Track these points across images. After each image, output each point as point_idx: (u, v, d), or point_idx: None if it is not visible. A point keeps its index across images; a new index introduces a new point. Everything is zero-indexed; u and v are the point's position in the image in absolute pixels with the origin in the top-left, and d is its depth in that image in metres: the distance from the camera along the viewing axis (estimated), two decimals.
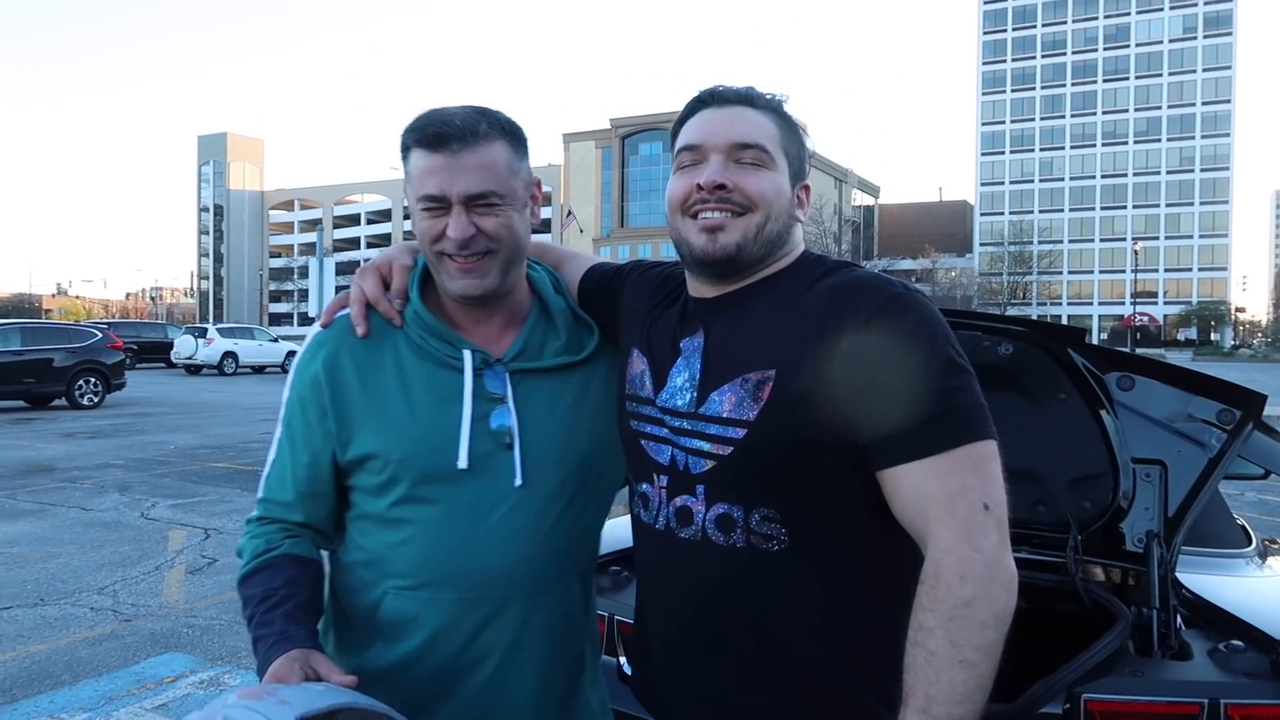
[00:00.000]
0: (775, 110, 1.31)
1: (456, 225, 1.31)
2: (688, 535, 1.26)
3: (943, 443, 1.12)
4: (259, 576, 1.34)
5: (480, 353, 1.39)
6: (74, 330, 18.43)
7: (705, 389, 1.26)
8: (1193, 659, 2.07)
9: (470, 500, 1.34)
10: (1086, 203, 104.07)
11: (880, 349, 1.15)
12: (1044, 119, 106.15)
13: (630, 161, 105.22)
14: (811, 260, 1.32)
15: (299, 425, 1.39)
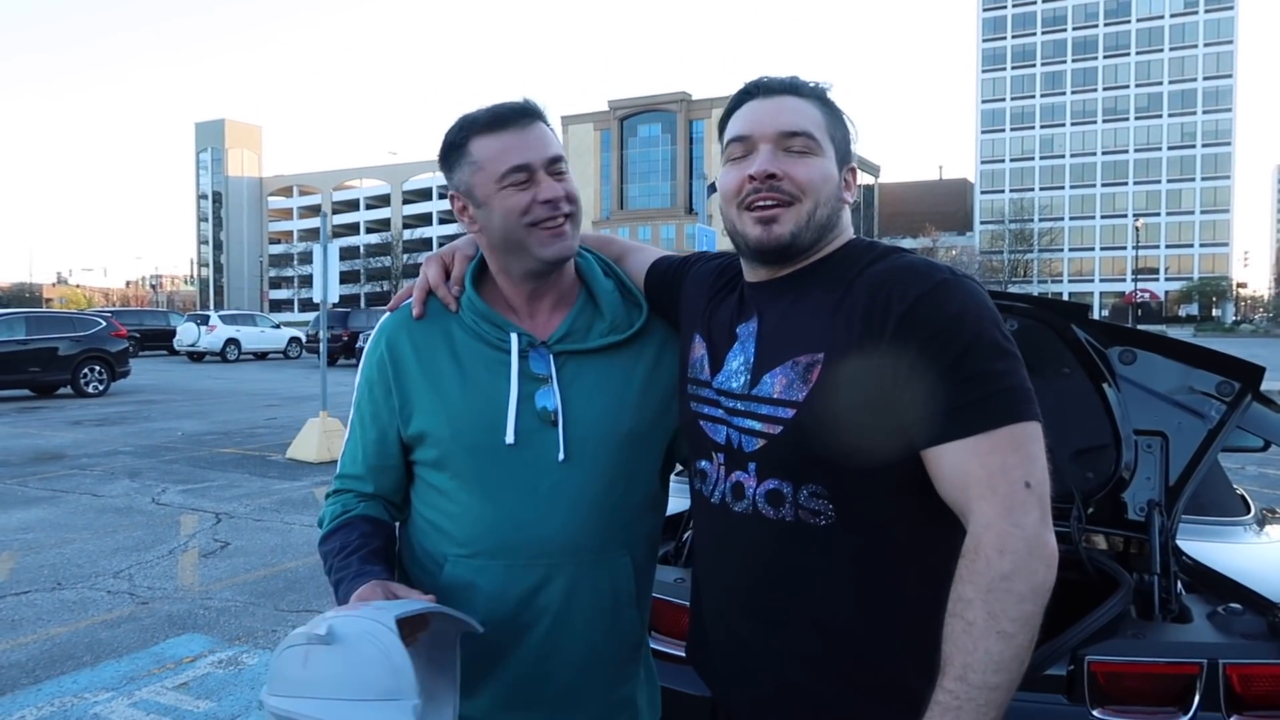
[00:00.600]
0: (819, 98, 1.35)
1: (548, 187, 1.42)
2: (740, 509, 1.32)
3: (986, 423, 1.15)
4: (336, 535, 1.46)
5: (526, 336, 1.48)
6: (78, 319, 18.45)
7: (759, 371, 1.31)
8: (1192, 622, 2.13)
9: (517, 474, 1.43)
10: (1087, 179, 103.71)
11: (926, 332, 1.18)
12: (1044, 96, 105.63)
13: (629, 143, 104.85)
14: (862, 245, 1.35)
15: (367, 404, 1.52)
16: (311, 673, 1.20)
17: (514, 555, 1.43)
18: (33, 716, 3.76)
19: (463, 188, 1.46)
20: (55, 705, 3.86)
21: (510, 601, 1.43)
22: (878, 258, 1.30)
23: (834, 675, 1.28)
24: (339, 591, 1.38)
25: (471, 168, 1.43)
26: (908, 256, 1.29)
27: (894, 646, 1.26)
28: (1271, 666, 1.98)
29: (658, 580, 2.45)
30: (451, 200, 1.51)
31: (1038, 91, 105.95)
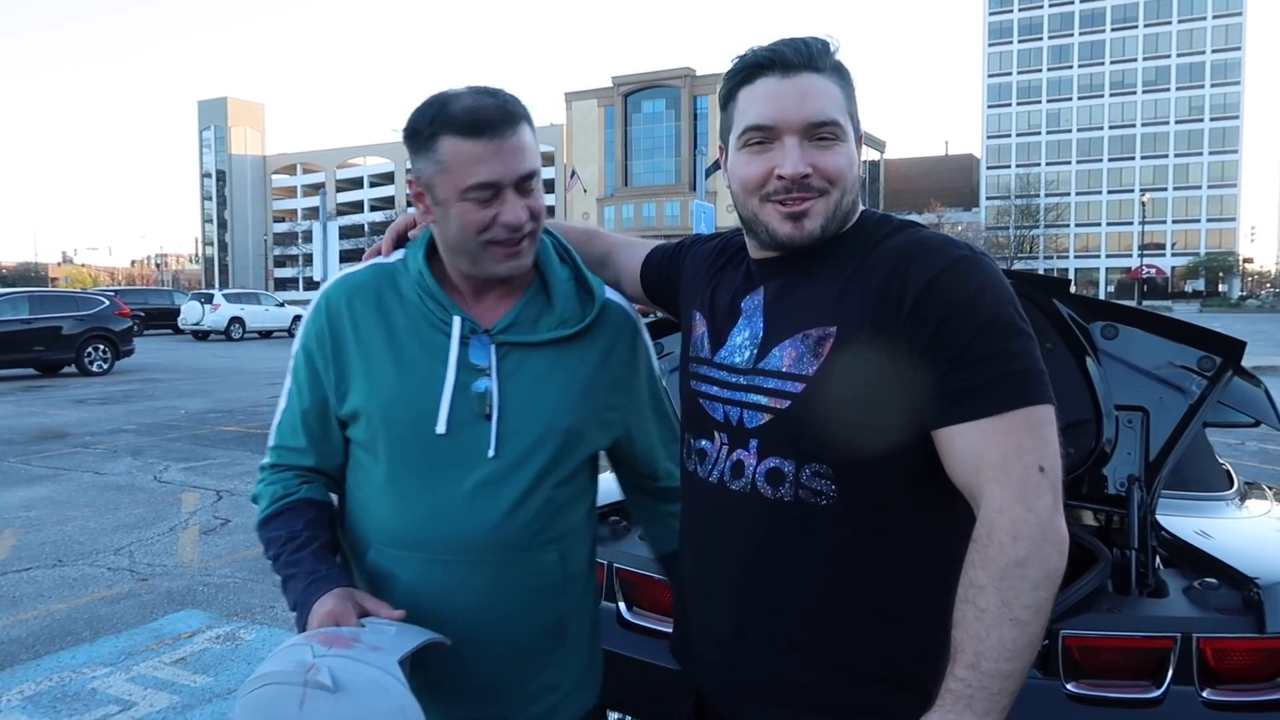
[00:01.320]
0: (837, 70, 1.27)
1: (513, 212, 1.34)
2: (738, 488, 1.28)
3: (1001, 404, 1.12)
4: (280, 520, 1.41)
5: (470, 321, 1.41)
6: (81, 298, 18.50)
7: (767, 344, 1.27)
8: (1168, 596, 2.14)
9: (444, 466, 1.38)
10: (1094, 154, 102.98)
11: (943, 310, 1.15)
12: (1051, 69, 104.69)
13: (633, 120, 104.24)
14: (876, 219, 1.31)
15: (305, 373, 1.45)
16: (311, 717, 1.13)
17: (434, 549, 1.38)
18: (31, 691, 3.80)
19: (423, 179, 1.37)
20: (54, 680, 3.91)
21: (428, 596, 1.38)
22: (893, 231, 1.27)
23: (828, 661, 1.25)
24: (289, 589, 1.34)
25: (436, 165, 1.34)
26: (924, 231, 1.26)
27: (893, 632, 1.23)
28: (1245, 640, 1.99)
29: (638, 556, 2.49)
30: (409, 184, 1.43)
31: (1045, 65, 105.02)
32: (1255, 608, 2.01)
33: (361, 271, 1.49)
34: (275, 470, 1.47)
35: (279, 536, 1.39)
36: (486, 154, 1.31)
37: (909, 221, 1.30)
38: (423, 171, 1.36)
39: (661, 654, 2.32)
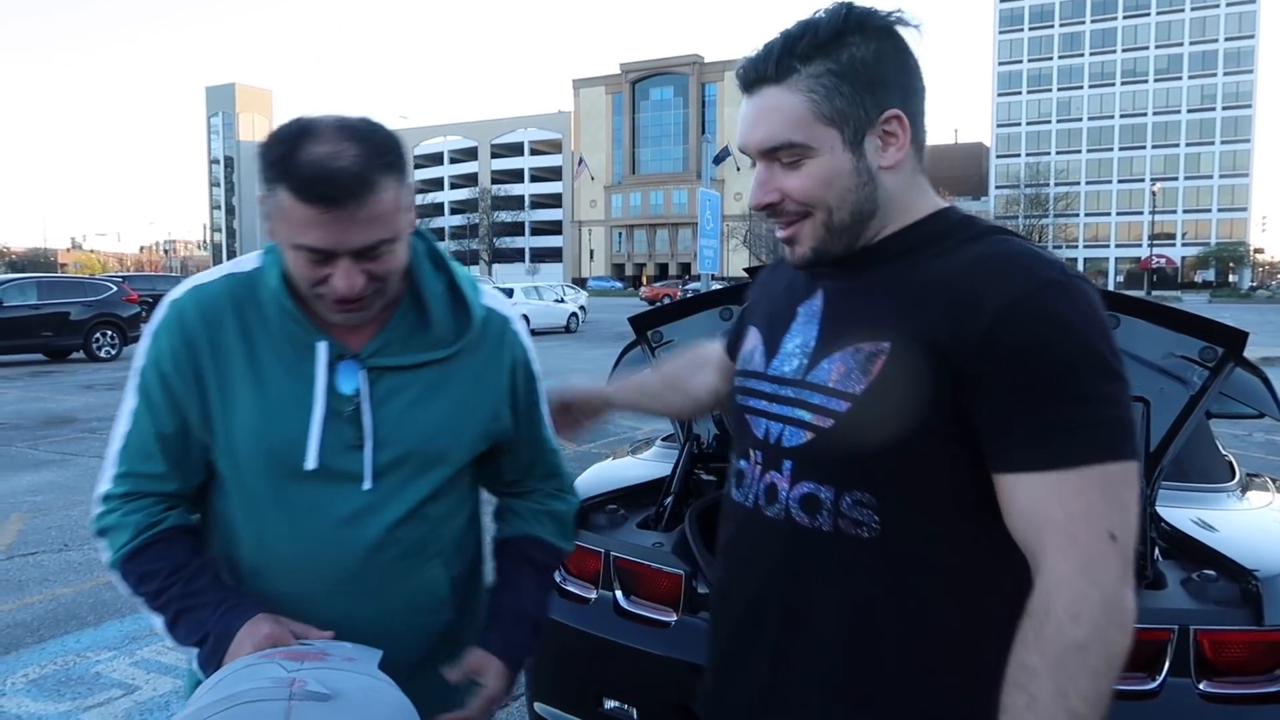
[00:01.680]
0: (805, 68, 1.10)
1: (346, 280, 1.20)
2: (772, 514, 1.17)
3: (1075, 457, 0.99)
4: (153, 551, 1.29)
5: (336, 346, 1.30)
6: (90, 284, 18.54)
7: (817, 355, 1.15)
8: (1166, 588, 2.14)
9: (316, 499, 1.29)
10: (1105, 143, 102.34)
11: (1020, 343, 1.00)
12: (1062, 57, 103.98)
13: (641, 107, 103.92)
14: (956, 221, 1.15)
15: (160, 395, 1.30)
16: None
17: (311, 582, 1.30)
18: (36, 674, 3.83)
19: (266, 209, 1.22)
20: (58, 664, 3.94)
21: (314, 621, 1.28)
22: (973, 237, 1.11)
23: (866, 706, 1.13)
24: (192, 620, 1.25)
25: (274, 208, 1.19)
26: (1011, 243, 1.09)
27: (937, 679, 1.10)
28: (1242, 633, 1.99)
29: (635, 545, 2.49)
30: (260, 198, 1.25)
31: (1055, 53, 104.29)
32: (1253, 600, 2.00)
33: (216, 282, 1.34)
34: (129, 500, 1.32)
35: (160, 569, 1.28)
36: (322, 222, 1.16)
37: (996, 227, 1.14)
38: (265, 202, 1.22)
39: (658, 642, 2.34)
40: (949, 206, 1.17)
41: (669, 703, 2.33)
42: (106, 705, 3.57)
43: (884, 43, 1.10)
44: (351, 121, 1.20)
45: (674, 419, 2.91)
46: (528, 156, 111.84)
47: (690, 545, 2.40)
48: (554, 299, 29.06)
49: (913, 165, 1.15)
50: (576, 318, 28.98)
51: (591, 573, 2.52)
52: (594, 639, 2.41)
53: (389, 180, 1.19)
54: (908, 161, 1.14)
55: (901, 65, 1.11)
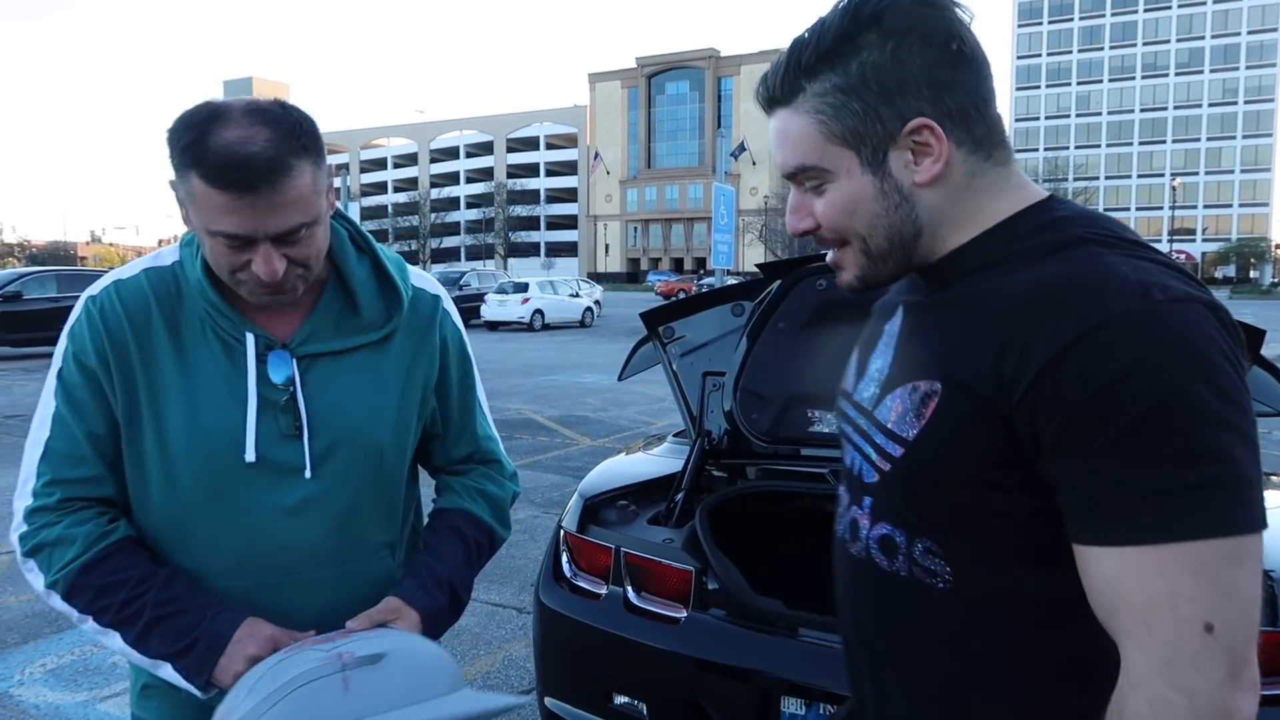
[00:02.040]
0: (810, 86, 0.98)
1: (266, 266, 1.18)
2: (855, 551, 1.07)
3: (1151, 532, 0.80)
4: (112, 562, 1.23)
5: (265, 337, 1.28)
6: None
7: (886, 387, 1.03)
8: None
9: (259, 492, 1.26)
10: (1124, 138, 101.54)
11: (1081, 391, 0.82)
12: (1082, 51, 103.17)
13: (657, 101, 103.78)
14: (1031, 228, 0.96)
15: (86, 394, 1.26)
16: (364, 696, 1.09)
17: (262, 575, 1.28)
18: (54, 664, 3.87)
19: (179, 196, 1.19)
20: (75, 654, 3.98)
21: (264, 616, 1.25)
22: (1051, 249, 0.92)
23: None
24: (172, 627, 1.21)
25: (187, 194, 1.16)
26: (1081, 263, 0.89)
27: None
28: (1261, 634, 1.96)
29: (646, 541, 2.50)
30: (170, 185, 1.21)
31: (1075, 46, 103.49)
32: (1269, 601, 1.98)
33: (135, 277, 1.30)
34: (64, 509, 1.24)
35: (126, 579, 1.22)
36: (236, 208, 1.13)
37: (1089, 226, 0.94)
38: (178, 189, 1.18)
39: (668, 638, 2.34)
40: (1034, 205, 0.99)
41: (679, 698, 2.33)
42: (122, 696, 3.60)
43: (905, 38, 0.94)
44: (262, 104, 1.18)
45: None
46: (543, 151, 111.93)
47: (701, 541, 2.40)
48: (569, 293, 29.11)
49: (968, 169, 0.98)
50: (591, 312, 29.01)
51: (602, 568, 2.53)
52: (604, 634, 2.41)
53: (304, 163, 1.16)
54: (955, 169, 0.97)
55: (933, 58, 0.94)
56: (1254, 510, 0.80)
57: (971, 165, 0.98)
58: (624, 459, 3.40)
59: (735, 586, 2.31)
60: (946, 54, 0.94)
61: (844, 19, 0.95)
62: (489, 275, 30.44)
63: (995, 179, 0.99)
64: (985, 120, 0.97)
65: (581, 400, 12.00)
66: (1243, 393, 0.83)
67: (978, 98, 0.97)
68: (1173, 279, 0.86)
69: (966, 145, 0.97)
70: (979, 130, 0.97)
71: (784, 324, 2.90)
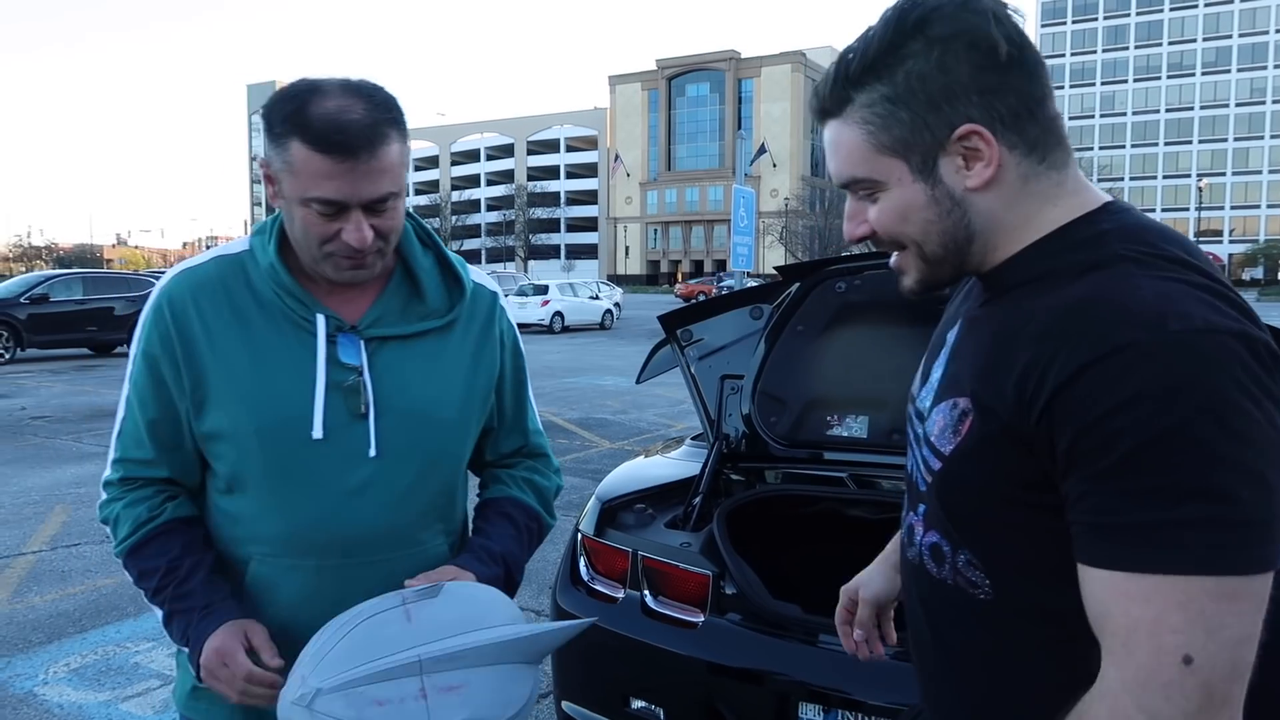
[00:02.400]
0: (857, 98, 0.99)
1: (357, 233, 1.24)
2: (911, 556, 1.11)
3: (1138, 559, 0.81)
4: (152, 547, 1.32)
5: (335, 319, 1.33)
6: (133, 279, 18.90)
7: (937, 398, 1.04)
8: None
9: (324, 470, 1.31)
10: (1150, 138, 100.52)
11: (1086, 416, 0.84)
12: (1106, 51, 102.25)
13: (677, 103, 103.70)
14: (1075, 242, 0.96)
15: (147, 381, 1.33)
16: (426, 625, 1.20)
17: (324, 555, 1.32)
18: (77, 664, 3.91)
19: (272, 169, 1.25)
20: (99, 654, 4.02)
21: (321, 601, 1.30)
22: (1090, 264, 0.92)
23: None
24: (178, 623, 1.29)
25: (284, 164, 1.22)
26: (1115, 284, 0.88)
27: None
28: None
29: (663, 544, 2.49)
30: (261, 164, 1.29)
31: (1099, 46, 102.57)
32: None
33: (205, 264, 1.36)
34: (126, 486, 1.36)
35: (157, 567, 1.31)
36: (337, 173, 1.19)
37: (1115, 255, 0.91)
38: (271, 162, 1.25)
39: (685, 643, 2.33)
40: (1082, 217, 0.97)
41: (696, 703, 2.32)
42: (145, 695, 3.63)
43: (951, 44, 0.93)
44: (354, 81, 1.25)
45: None
46: (564, 153, 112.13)
47: (718, 545, 2.39)
48: (589, 295, 29.14)
49: (1021, 173, 0.97)
50: (611, 314, 29.03)
51: (619, 572, 2.52)
52: (621, 638, 2.40)
53: (395, 134, 1.24)
54: (1008, 173, 0.96)
55: (980, 64, 0.93)
56: (1254, 551, 0.79)
57: (1025, 169, 0.97)
58: (641, 462, 3.39)
59: (753, 591, 2.29)
60: (994, 58, 0.93)
61: (889, 29, 0.95)
62: (509, 277, 30.52)
63: (1050, 183, 0.98)
64: (1038, 121, 0.96)
65: (601, 403, 12.01)
66: (1264, 430, 0.80)
67: (1030, 99, 0.96)
68: (1201, 306, 0.84)
69: (1019, 149, 0.96)
70: (1032, 132, 0.96)
71: (803, 327, 2.88)
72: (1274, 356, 0.83)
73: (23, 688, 3.69)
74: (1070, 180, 0.99)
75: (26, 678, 3.78)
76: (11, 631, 4.26)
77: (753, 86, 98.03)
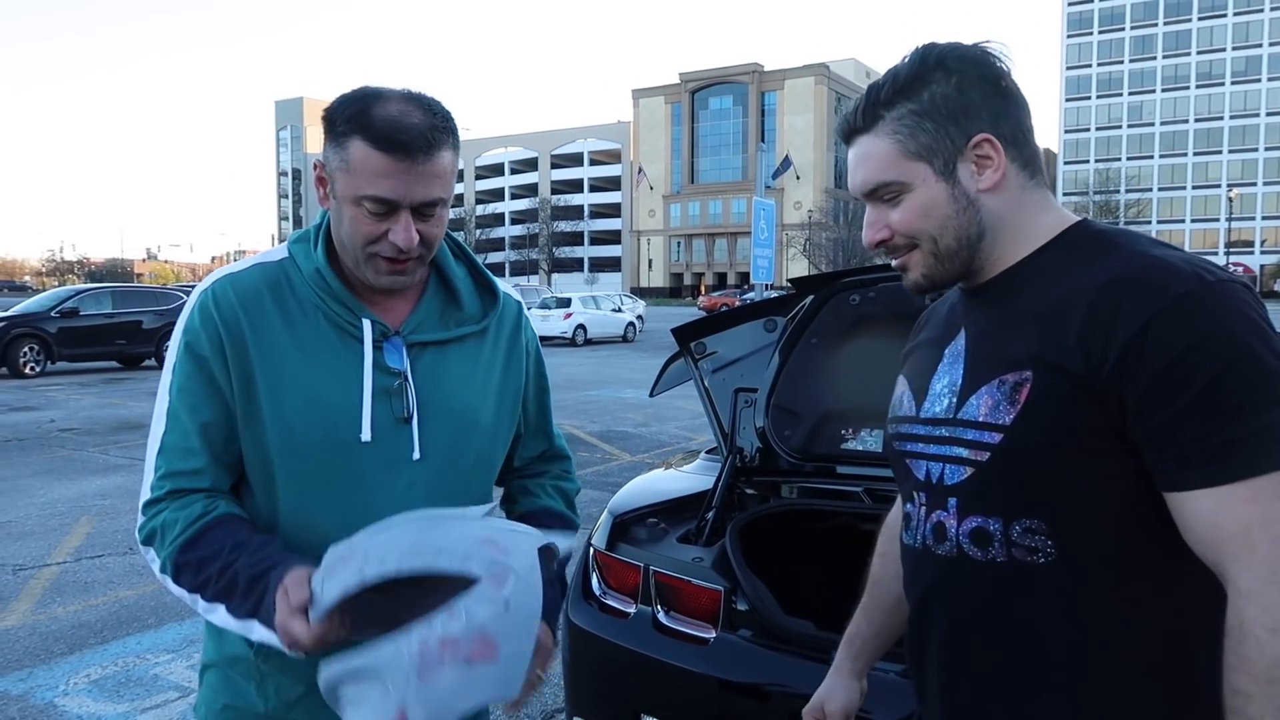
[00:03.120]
0: (889, 113, 1.16)
1: (404, 234, 1.28)
2: (943, 552, 1.17)
3: (1238, 470, 0.95)
4: (210, 535, 1.28)
5: (379, 324, 1.36)
6: (161, 293, 19.15)
7: (965, 392, 1.16)
8: None
9: (371, 473, 1.34)
10: (1178, 148, 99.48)
11: (1159, 361, 0.98)
12: (1133, 61, 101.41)
13: (700, 116, 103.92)
14: (1092, 234, 1.14)
15: (200, 384, 1.32)
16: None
17: None
18: (97, 675, 3.94)
19: (329, 169, 1.30)
20: (119, 665, 4.05)
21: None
22: (1106, 251, 1.09)
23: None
24: (259, 583, 1.22)
25: (341, 162, 1.27)
26: (1143, 255, 1.06)
27: (1146, 705, 1.07)
28: None
29: (675, 559, 2.47)
30: (315, 165, 1.34)
31: (1126, 56, 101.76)
32: None
33: (248, 270, 1.38)
34: (176, 497, 1.31)
35: (221, 548, 1.26)
36: (393, 172, 1.24)
37: (1129, 236, 1.12)
38: (329, 161, 1.29)
39: (696, 659, 2.30)
40: (1079, 222, 1.17)
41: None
42: (163, 707, 3.65)
43: (966, 73, 1.14)
44: (415, 92, 1.31)
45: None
46: (587, 166, 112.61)
47: (731, 561, 2.37)
48: (611, 308, 29.17)
49: (1019, 182, 1.16)
50: (634, 327, 29.05)
51: (631, 586, 2.50)
52: (632, 654, 2.38)
53: (450, 144, 1.30)
54: (1010, 180, 1.16)
55: (989, 91, 1.14)
56: None
57: (1023, 180, 1.17)
58: (655, 475, 3.37)
59: (765, 607, 2.27)
60: (999, 89, 1.15)
61: (914, 63, 1.15)
62: (532, 291, 30.63)
63: (1040, 196, 1.18)
64: (1030, 145, 1.17)
65: (622, 415, 12.00)
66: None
67: (1024, 127, 1.17)
68: (1213, 267, 1.03)
69: (1018, 162, 1.16)
70: (1026, 152, 1.17)
71: (817, 340, 2.86)
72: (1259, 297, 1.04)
73: (44, 698, 3.73)
74: (1050, 200, 1.19)
75: (48, 689, 3.82)
76: (35, 642, 4.31)
77: (776, 99, 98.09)
